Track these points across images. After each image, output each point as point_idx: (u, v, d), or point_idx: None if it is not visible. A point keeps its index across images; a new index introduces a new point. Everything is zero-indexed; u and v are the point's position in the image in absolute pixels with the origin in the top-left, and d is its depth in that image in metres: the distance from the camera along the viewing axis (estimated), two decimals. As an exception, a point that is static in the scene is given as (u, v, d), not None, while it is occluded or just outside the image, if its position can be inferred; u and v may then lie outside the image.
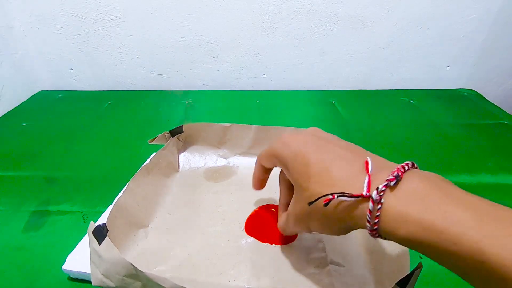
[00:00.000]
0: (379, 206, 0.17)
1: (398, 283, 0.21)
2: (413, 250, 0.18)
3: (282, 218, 0.27)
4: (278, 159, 0.25)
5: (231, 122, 0.42)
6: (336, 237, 0.31)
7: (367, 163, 0.19)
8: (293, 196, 0.23)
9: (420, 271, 0.22)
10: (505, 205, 0.41)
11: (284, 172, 0.25)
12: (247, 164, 0.42)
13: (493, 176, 0.44)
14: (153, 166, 0.36)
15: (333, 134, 0.39)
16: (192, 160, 0.42)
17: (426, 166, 0.45)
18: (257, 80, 0.74)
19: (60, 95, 0.71)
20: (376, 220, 0.17)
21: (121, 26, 0.66)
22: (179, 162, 0.42)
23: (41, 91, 0.73)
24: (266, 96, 0.68)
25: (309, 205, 0.20)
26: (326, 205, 0.19)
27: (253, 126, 0.41)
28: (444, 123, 0.57)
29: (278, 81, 0.74)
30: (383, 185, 0.17)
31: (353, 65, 0.71)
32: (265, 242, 0.31)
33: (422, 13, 0.65)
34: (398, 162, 0.19)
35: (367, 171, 0.18)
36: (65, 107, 0.66)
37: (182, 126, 0.41)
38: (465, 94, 0.69)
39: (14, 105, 0.65)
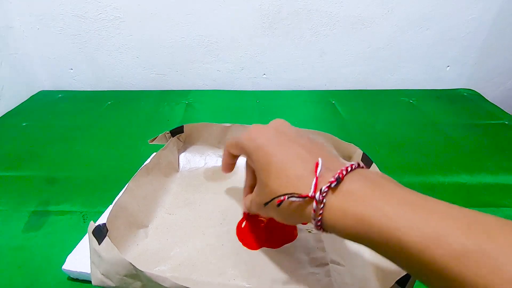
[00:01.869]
0: (322, 205, 0.19)
1: (398, 282, 0.21)
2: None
3: (246, 200, 0.29)
4: (243, 150, 0.27)
5: (231, 122, 0.42)
6: (336, 237, 0.31)
7: (317, 164, 0.21)
8: (256, 186, 0.26)
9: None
10: (504, 205, 0.41)
11: (249, 162, 0.27)
12: (247, 164, 0.42)
13: (493, 176, 0.44)
14: (153, 166, 0.36)
15: (333, 134, 0.39)
16: (193, 160, 0.42)
17: (426, 166, 0.45)
18: (257, 80, 0.74)
19: (60, 95, 0.71)
20: (320, 218, 0.20)
21: (121, 26, 0.66)
22: (179, 162, 0.42)
23: (41, 91, 0.73)
24: (266, 96, 0.68)
25: (265, 206, 0.23)
26: (278, 205, 0.21)
27: (253, 127, 0.41)
28: (444, 123, 0.57)
29: (278, 81, 0.74)
30: (325, 186, 0.19)
31: (353, 65, 0.71)
32: (260, 248, 0.31)
33: (422, 13, 0.65)
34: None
35: (316, 173, 0.20)
36: (65, 107, 0.66)
37: (183, 126, 0.41)
38: (465, 94, 0.69)
39: (14, 105, 0.65)
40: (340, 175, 0.19)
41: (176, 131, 0.41)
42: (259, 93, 0.70)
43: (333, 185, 0.19)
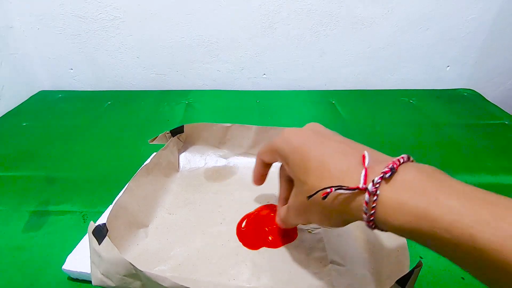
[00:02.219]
0: (375, 197, 0.18)
1: (398, 282, 0.21)
2: (413, 250, 0.18)
3: (282, 211, 0.27)
4: (278, 154, 0.25)
5: (231, 122, 0.42)
6: (336, 236, 0.31)
7: (364, 156, 0.19)
8: (293, 190, 0.24)
9: (420, 269, 0.22)
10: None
11: (285, 166, 0.25)
12: (247, 164, 0.42)
13: (493, 176, 0.44)
14: (154, 166, 0.36)
15: (333, 134, 0.39)
16: (193, 160, 0.42)
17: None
18: (257, 80, 0.74)
19: (60, 95, 0.71)
20: (372, 212, 0.18)
21: (121, 26, 0.66)
22: (180, 162, 0.42)
23: (41, 91, 0.73)
24: (266, 96, 0.68)
25: (308, 199, 0.21)
26: (324, 198, 0.19)
27: (254, 127, 0.41)
28: (444, 123, 0.57)
29: (278, 81, 0.74)
30: (378, 177, 0.18)
31: (353, 65, 0.71)
32: (261, 247, 0.31)
33: (422, 13, 0.65)
34: None
35: (364, 164, 0.19)
36: (65, 107, 0.66)
37: (183, 126, 0.41)
38: (465, 94, 0.69)
39: (14, 105, 0.65)
40: (394, 165, 0.18)
41: (176, 131, 0.41)
42: (259, 93, 0.70)
43: (387, 175, 0.17)
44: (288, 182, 0.27)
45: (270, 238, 0.31)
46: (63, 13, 0.65)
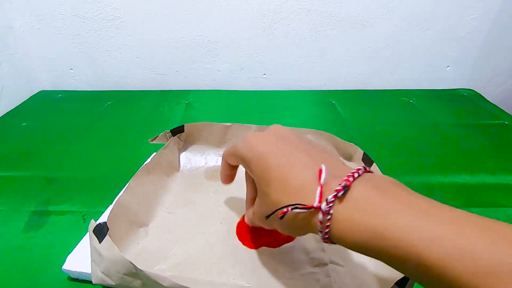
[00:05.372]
0: (328, 216, 0.18)
1: (397, 283, 0.21)
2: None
3: (249, 213, 0.27)
4: (242, 160, 0.25)
5: (231, 122, 0.42)
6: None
7: (320, 171, 0.19)
8: (257, 198, 0.24)
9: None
10: (505, 205, 0.40)
11: (248, 172, 0.25)
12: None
13: (493, 176, 0.44)
14: (154, 165, 0.36)
15: (333, 134, 0.39)
16: (193, 159, 0.42)
17: (426, 166, 0.45)
18: (257, 80, 0.74)
19: (60, 95, 0.71)
20: (327, 230, 0.18)
21: (121, 26, 0.66)
22: (180, 161, 0.42)
23: (41, 91, 0.73)
24: (266, 96, 0.68)
25: (267, 219, 0.22)
26: (282, 217, 0.20)
27: (254, 126, 0.41)
28: (444, 123, 0.57)
29: (278, 81, 0.74)
30: (332, 195, 0.18)
31: (353, 65, 0.71)
32: (261, 247, 0.31)
33: (422, 13, 0.65)
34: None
35: (320, 181, 0.19)
36: (65, 107, 0.66)
37: (183, 125, 0.41)
38: (465, 94, 0.69)
39: (14, 105, 0.65)
40: (347, 183, 0.18)
41: (177, 131, 0.41)
42: (259, 93, 0.70)
43: (340, 194, 0.18)
44: (254, 184, 0.26)
45: (269, 237, 0.31)
46: (63, 13, 0.65)
